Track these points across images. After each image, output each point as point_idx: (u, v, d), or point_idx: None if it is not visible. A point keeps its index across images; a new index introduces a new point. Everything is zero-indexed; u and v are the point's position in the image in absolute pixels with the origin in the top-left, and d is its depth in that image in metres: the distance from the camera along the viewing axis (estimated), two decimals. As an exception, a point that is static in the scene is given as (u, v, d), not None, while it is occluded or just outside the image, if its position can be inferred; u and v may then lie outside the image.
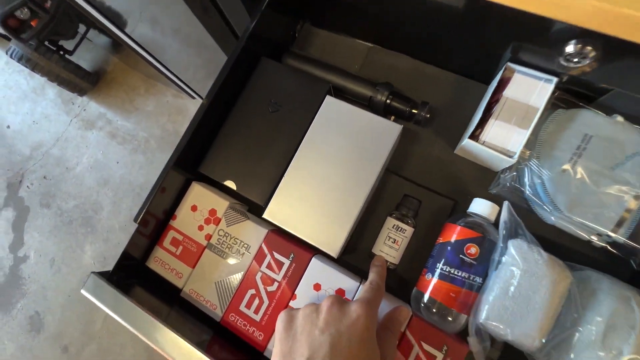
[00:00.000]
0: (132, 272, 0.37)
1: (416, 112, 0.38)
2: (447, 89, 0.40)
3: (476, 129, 0.35)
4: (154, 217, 0.38)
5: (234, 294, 0.35)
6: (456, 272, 0.31)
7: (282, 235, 0.36)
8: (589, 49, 0.25)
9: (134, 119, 1.40)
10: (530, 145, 0.34)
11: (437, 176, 0.39)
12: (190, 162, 0.39)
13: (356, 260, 0.38)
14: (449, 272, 0.32)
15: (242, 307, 0.34)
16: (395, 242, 0.35)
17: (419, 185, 0.38)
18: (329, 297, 0.28)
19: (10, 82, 1.57)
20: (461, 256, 0.31)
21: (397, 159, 0.40)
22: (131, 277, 0.36)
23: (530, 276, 0.27)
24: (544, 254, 0.28)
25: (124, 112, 1.42)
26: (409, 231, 0.36)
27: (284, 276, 0.34)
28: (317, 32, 0.47)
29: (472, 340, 0.30)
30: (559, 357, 0.27)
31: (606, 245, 0.33)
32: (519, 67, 0.34)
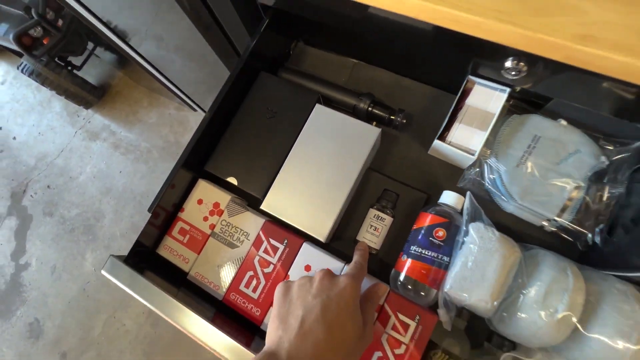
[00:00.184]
0: (144, 257, 0.41)
1: (394, 118, 0.44)
2: (421, 99, 0.47)
3: (444, 131, 0.41)
4: (164, 210, 0.43)
5: (234, 275, 0.40)
6: (427, 252, 0.36)
7: (277, 224, 0.41)
8: (522, 65, 0.31)
9: (137, 130, 1.46)
10: (489, 145, 0.40)
11: (413, 173, 0.45)
12: (196, 162, 0.44)
13: (342, 246, 0.43)
14: (421, 252, 0.37)
15: (241, 287, 0.39)
16: (376, 230, 0.40)
17: (397, 181, 0.44)
18: (321, 270, 0.33)
19: (17, 95, 1.64)
20: (431, 238, 0.37)
21: (378, 159, 0.46)
22: (143, 262, 0.41)
23: (485, 251, 0.32)
24: (497, 233, 0.33)
25: (128, 124, 1.48)
26: (388, 220, 0.41)
27: (279, 259, 0.39)
28: (310, 50, 0.54)
29: (441, 311, 0.35)
30: (508, 317, 0.31)
31: (556, 229, 0.38)
32: (479, 79, 0.40)
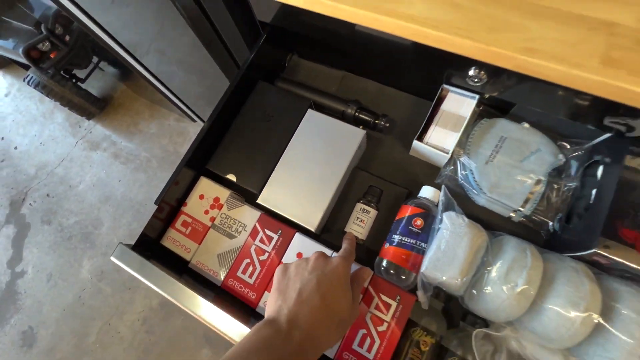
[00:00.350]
0: (148, 247, 0.45)
1: (378, 122, 0.49)
2: (402, 105, 0.52)
3: (422, 133, 0.46)
4: (168, 204, 0.47)
5: (232, 262, 0.43)
6: (407, 240, 0.40)
7: (271, 216, 0.45)
8: (482, 73, 0.36)
9: (137, 140, 1.50)
10: (462, 145, 0.45)
11: (396, 172, 0.49)
12: (198, 161, 0.48)
13: (331, 238, 0.47)
14: (401, 240, 0.41)
15: (239, 273, 0.43)
16: (362, 222, 0.45)
17: (382, 178, 0.48)
18: (316, 252, 0.37)
19: (21, 107, 1.68)
20: (410, 227, 0.41)
21: (364, 159, 0.51)
22: (148, 251, 0.44)
23: (456, 235, 0.36)
24: (466, 219, 0.38)
25: (128, 134, 1.52)
26: (373, 213, 0.45)
27: (273, 248, 0.43)
28: (303, 63, 0.59)
29: (419, 292, 0.39)
30: (477, 293, 0.35)
31: (522, 219, 0.43)
32: (452, 87, 0.46)
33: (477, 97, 0.45)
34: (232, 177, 0.47)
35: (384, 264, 0.41)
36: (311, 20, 0.45)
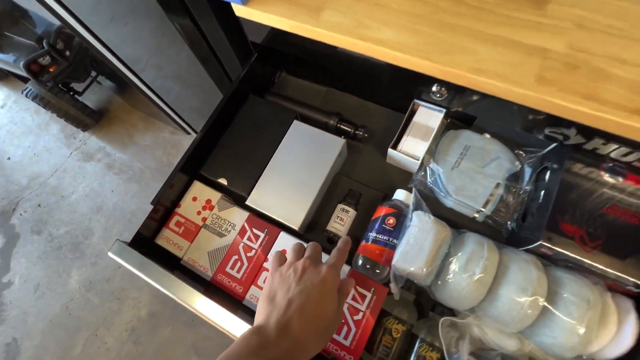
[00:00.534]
0: (143, 245, 0.48)
1: (358, 132, 0.54)
2: (380, 118, 0.57)
3: (396, 142, 0.51)
4: (163, 205, 0.50)
5: (222, 259, 0.47)
6: (381, 237, 0.45)
7: (259, 217, 0.49)
8: (443, 89, 0.41)
9: (132, 151, 1.53)
10: (432, 153, 0.50)
11: (374, 177, 0.54)
12: (191, 167, 0.52)
13: (314, 237, 0.51)
14: (376, 237, 0.45)
15: (227, 269, 0.46)
16: (342, 220, 0.49)
17: (361, 183, 0.53)
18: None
19: (16, 118, 1.71)
20: (384, 225, 0.45)
21: (345, 166, 0.55)
22: (143, 248, 0.47)
23: (422, 231, 0.41)
24: (432, 217, 0.42)
25: (123, 146, 1.55)
26: (352, 213, 0.50)
27: (260, 245, 0.47)
28: (291, 79, 0.65)
29: (392, 284, 0.42)
30: (442, 283, 0.39)
31: (485, 219, 0.47)
32: (422, 102, 0.51)
33: (444, 110, 0.50)
34: (223, 181, 0.51)
35: (360, 259, 0.45)
36: (298, 41, 0.50)
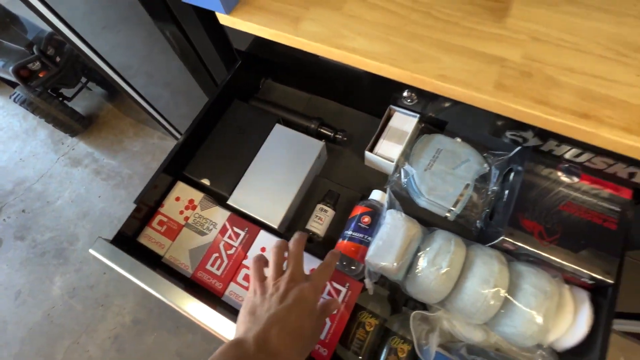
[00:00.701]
0: (125, 243, 0.49)
1: (338, 136, 0.57)
2: (359, 123, 0.60)
3: (373, 145, 0.53)
4: (146, 205, 0.51)
5: (202, 257, 0.48)
6: (356, 234, 0.47)
7: (239, 216, 0.50)
8: (413, 95, 0.44)
9: (120, 157, 1.53)
10: (406, 156, 0.53)
11: (353, 179, 0.56)
12: (175, 168, 0.54)
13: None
14: (352, 235, 0.47)
15: (207, 266, 0.47)
16: (320, 219, 0.51)
17: (340, 184, 0.55)
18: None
19: (3, 123, 1.70)
20: (359, 224, 0.47)
21: (326, 168, 0.58)
22: (125, 246, 0.48)
23: (394, 227, 0.43)
24: (404, 215, 0.44)
25: (111, 152, 1.55)
26: (331, 213, 0.51)
27: (240, 243, 0.48)
28: (276, 86, 0.67)
29: (366, 280, 0.44)
30: (412, 277, 0.41)
31: (456, 218, 0.50)
32: (397, 108, 0.54)
33: (418, 116, 0.53)
34: (206, 182, 0.53)
35: (337, 256, 0.47)
36: (281, 50, 0.53)
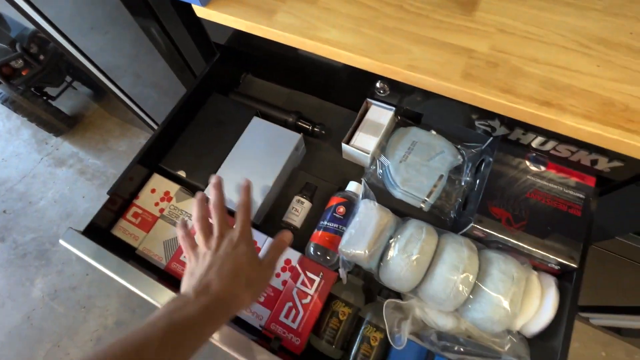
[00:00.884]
0: (98, 235, 0.48)
1: (316, 129, 0.57)
2: (337, 117, 0.60)
3: (350, 137, 0.54)
4: (120, 197, 0.51)
5: (177, 248, 0.48)
6: (331, 224, 0.47)
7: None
8: (385, 85, 0.45)
9: (106, 157, 1.51)
10: (383, 149, 0.53)
11: (331, 172, 0.56)
12: (151, 160, 0.54)
13: (271, 228, 0.52)
14: (327, 225, 0.47)
15: (182, 257, 0.47)
16: (297, 211, 0.51)
17: (318, 177, 0.55)
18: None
19: (-15, 123, 1.66)
20: (334, 214, 0.48)
21: (305, 161, 0.58)
22: (97, 238, 0.48)
23: (366, 216, 0.43)
24: (377, 204, 0.45)
25: (97, 152, 1.53)
26: (307, 204, 0.52)
27: (215, 234, 0.48)
28: (257, 81, 0.68)
29: (340, 269, 0.44)
30: (384, 265, 0.41)
31: (431, 209, 0.50)
32: (374, 101, 0.55)
33: (394, 109, 0.54)
34: (182, 174, 0.52)
35: (312, 246, 0.47)
36: (260, 43, 0.53)
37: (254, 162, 0.52)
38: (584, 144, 0.38)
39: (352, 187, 0.51)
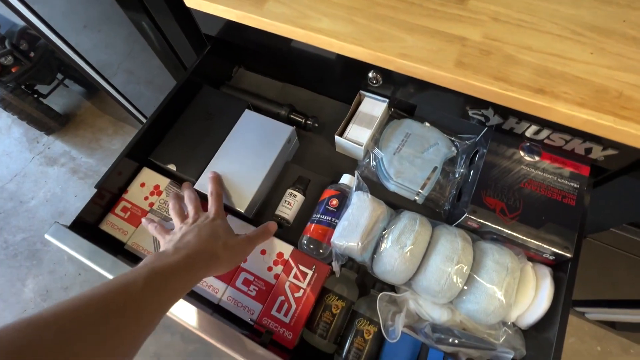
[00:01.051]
0: (85, 229, 0.47)
1: (308, 122, 0.56)
2: (330, 110, 0.60)
3: (343, 130, 0.53)
4: (108, 191, 0.50)
5: (166, 242, 0.47)
6: (324, 217, 0.46)
7: (206, 201, 0.49)
8: (378, 75, 0.44)
9: (98, 156, 1.49)
10: (376, 141, 0.53)
11: (324, 165, 0.56)
12: (141, 154, 0.52)
13: (263, 221, 0.51)
14: (320, 218, 0.46)
15: (172, 252, 0.46)
16: (289, 204, 0.50)
17: (311, 171, 0.54)
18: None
19: (-25, 122, 1.64)
20: (327, 207, 0.47)
21: (298, 155, 0.57)
22: (85, 232, 0.46)
23: (359, 208, 0.43)
24: (370, 196, 0.44)
25: (89, 150, 1.51)
26: (300, 198, 0.51)
27: (206, 228, 0.47)
28: (249, 74, 0.67)
29: (333, 263, 0.44)
30: (378, 258, 0.41)
31: (425, 202, 0.50)
32: (367, 93, 0.54)
33: (387, 100, 0.53)
34: (172, 167, 0.51)
35: (305, 239, 0.46)
36: (251, 35, 0.53)
37: (246, 155, 0.51)
38: (577, 132, 0.38)
39: (346, 179, 0.50)
